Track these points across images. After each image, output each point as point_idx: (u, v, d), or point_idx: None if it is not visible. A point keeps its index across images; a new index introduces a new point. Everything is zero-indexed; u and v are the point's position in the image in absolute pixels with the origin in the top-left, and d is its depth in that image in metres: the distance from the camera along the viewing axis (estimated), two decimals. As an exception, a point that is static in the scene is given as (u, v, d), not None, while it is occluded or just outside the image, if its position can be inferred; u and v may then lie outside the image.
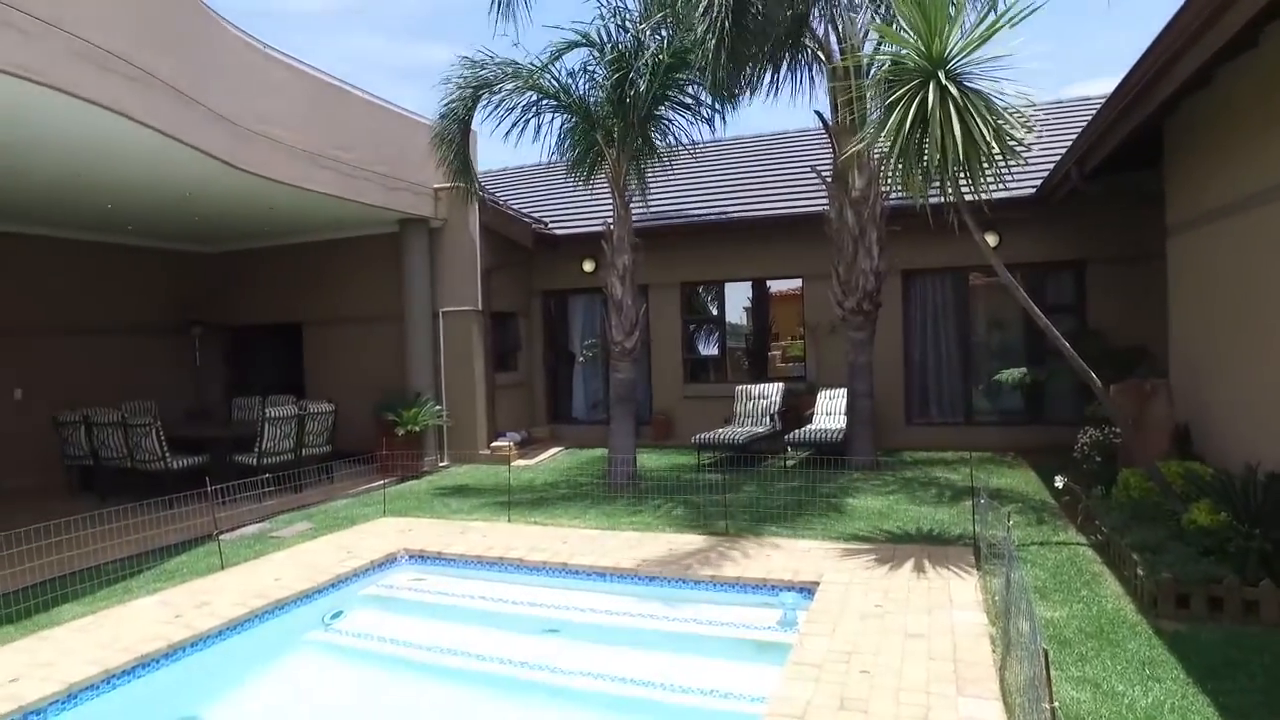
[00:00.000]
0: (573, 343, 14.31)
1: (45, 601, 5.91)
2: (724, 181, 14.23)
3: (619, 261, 9.70)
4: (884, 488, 8.82)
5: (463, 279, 12.02)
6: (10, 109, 6.16)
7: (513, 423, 13.01)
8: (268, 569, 6.60)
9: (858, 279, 9.80)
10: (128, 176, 8.61)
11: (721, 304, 13.62)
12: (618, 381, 9.83)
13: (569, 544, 7.00)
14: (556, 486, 9.78)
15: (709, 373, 13.82)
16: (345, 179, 10.12)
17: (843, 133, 9.67)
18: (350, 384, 12.48)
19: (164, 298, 13.52)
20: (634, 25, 9.40)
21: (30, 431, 11.20)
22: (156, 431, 9.51)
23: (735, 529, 7.20)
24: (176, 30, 7.26)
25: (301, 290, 13.42)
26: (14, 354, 11.38)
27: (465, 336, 12.02)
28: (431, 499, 9.40)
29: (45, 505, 9.57)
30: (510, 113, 9.75)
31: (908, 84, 5.88)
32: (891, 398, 11.70)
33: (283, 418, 9.94)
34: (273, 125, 8.92)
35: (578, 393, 14.36)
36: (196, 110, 7.41)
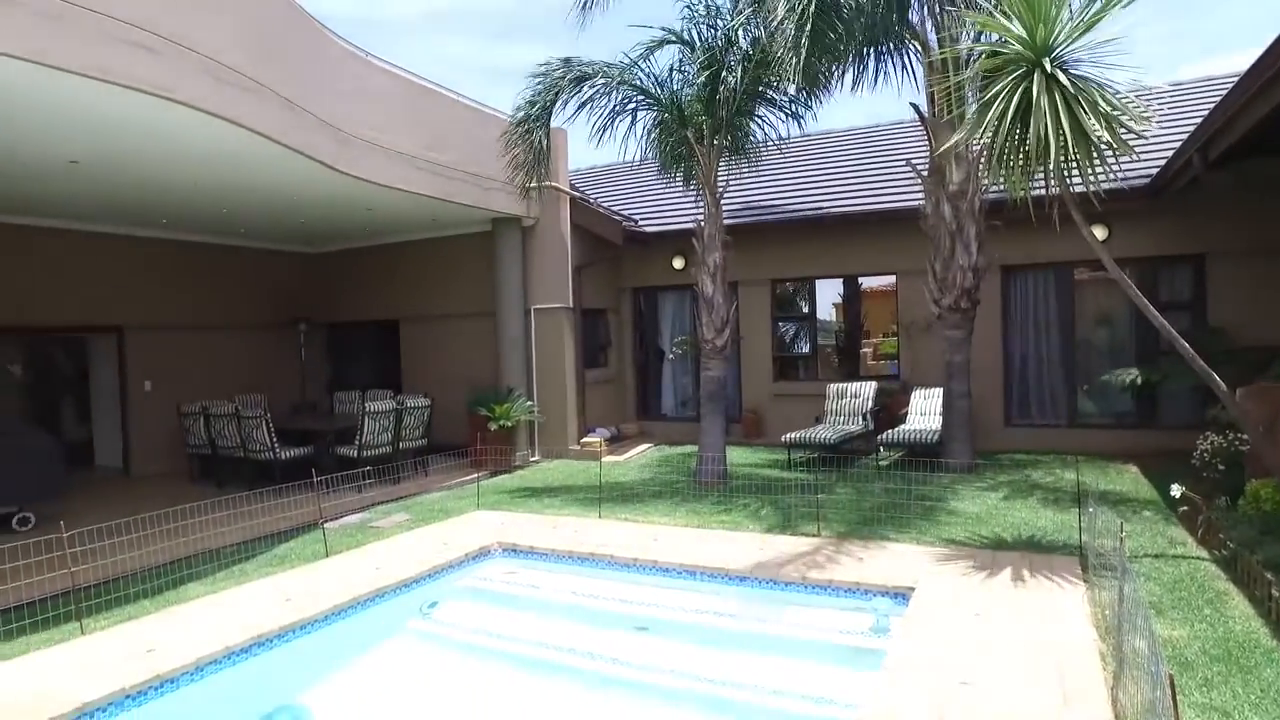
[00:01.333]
0: (662, 339, 14.36)
1: (174, 580, 6.35)
2: (815, 176, 14.00)
3: (710, 259, 9.67)
4: (982, 491, 8.52)
5: (554, 276, 12.23)
6: (138, 122, 6.61)
7: (602, 419, 13.16)
8: (369, 558, 6.88)
9: (955, 275, 9.49)
10: (241, 182, 9.11)
11: (812, 301, 13.40)
12: (708, 379, 9.81)
13: (659, 541, 7.04)
14: (646, 483, 9.84)
15: (799, 370, 13.63)
16: (440, 180, 10.43)
17: (940, 126, 9.37)
18: (445, 379, 12.87)
19: (272, 297, 14.26)
20: (724, 22, 9.36)
21: (157, 421, 12.05)
22: (266, 423, 10.04)
23: (827, 531, 7.09)
24: (286, 42, 7.63)
25: (399, 288, 13.91)
26: (144, 349, 12.25)
27: (556, 333, 12.22)
28: (523, 493, 9.60)
29: (171, 490, 10.31)
30: (601, 111, 9.83)
31: (1010, 74, 5.65)
32: (989, 398, 11.27)
33: (381, 412, 10.33)
34: (373, 129, 9.27)
35: (667, 389, 14.40)
36: (304, 118, 7.77)
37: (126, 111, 6.26)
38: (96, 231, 11.56)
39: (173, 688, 4.60)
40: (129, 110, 6.22)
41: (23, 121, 6.54)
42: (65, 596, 5.59)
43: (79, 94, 5.80)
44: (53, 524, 8.08)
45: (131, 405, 12.18)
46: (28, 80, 5.48)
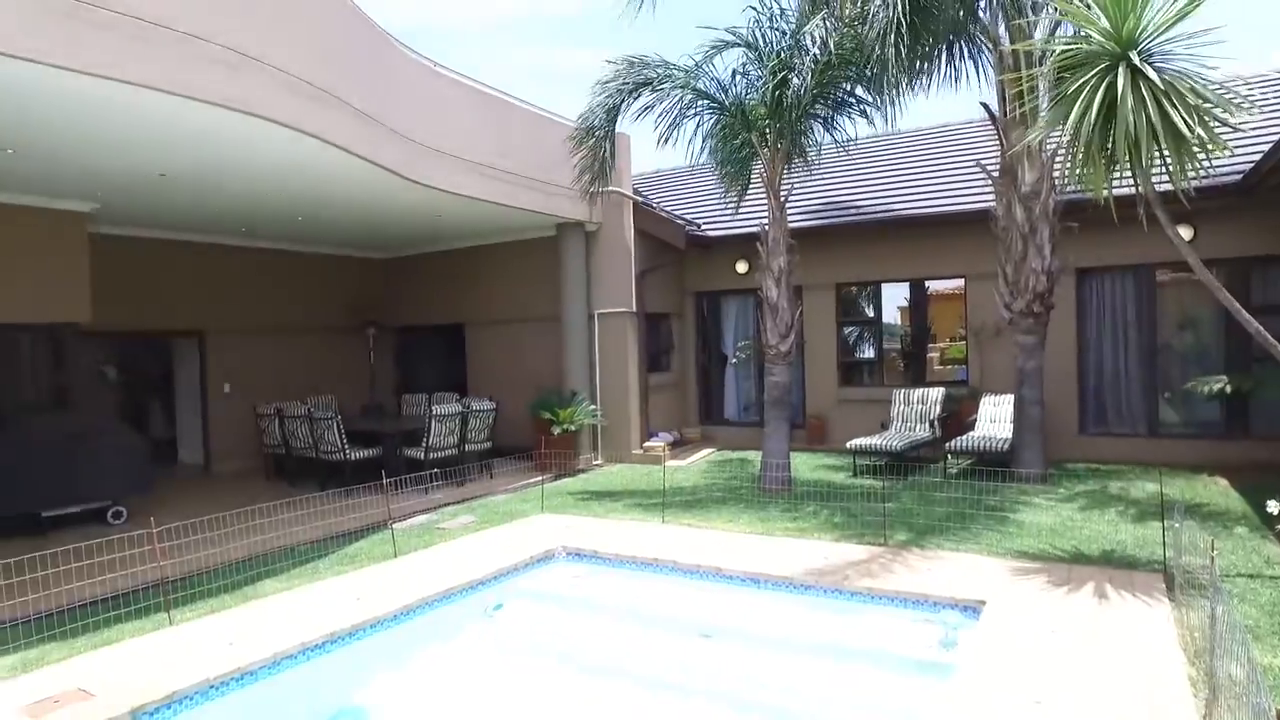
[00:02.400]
0: (725, 344, 14.29)
1: (252, 576, 6.59)
2: (881, 179, 13.77)
3: (774, 264, 9.59)
4: (1056, 502, 8.24)
5: (617, 281, 12.30)
6: (221, 136, 6.88)
7: (665, 423, 13.17)
8: (436, 559, 7.02)
9: (1027, 279, 9.21)
10: (315, 191, 9.40)
11: (878, 305, 13.17)
12: (772, 384, 9.72)
13: (723, 547, 7.01)
14: (709, 488, 9.80)
15: (864, 376, 13.41)
16: (506, 186, 10.59)
17: (1012, 125, 9.12)
18: (509, 383, 13.05)
19: (343, 301, 14.68)
20: (790, 25, 9.28)
21: (235, 421, 12.54)
22: (337, 425, 10.33)
23: (894, 539, 6.96)
24: (359, 55, 7.86)
25: (464, 292, 14.18)
26: (223, 352, 12.77)
27: (620, 337, 12.28)
28: (586, 497, 9.67)
29: (248, 487, 10.71)
30: (664, 114, 9.84)
31: (1092, 69, 5.46)
32: (1063, 405, 10.90)
33: (448, 415, 10.53)
34: (441, 138, 9.47)
35: (729, 394, 14.33)
36: (376, 128, 7.99)
37: (211, 126, 6.54)
38: (181, 240, 12.10)
39: (252, 680, 4.78)
40: (213, 125, 6.49)
41: (116, 137, 6.89)
42: (155, 588, 5.85)
43: (167, 111, 6.07)
44: (142, 518, 8.51)
45: (212, 406, 12.70)
46: (122, 99, 5.76)
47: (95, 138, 6.86)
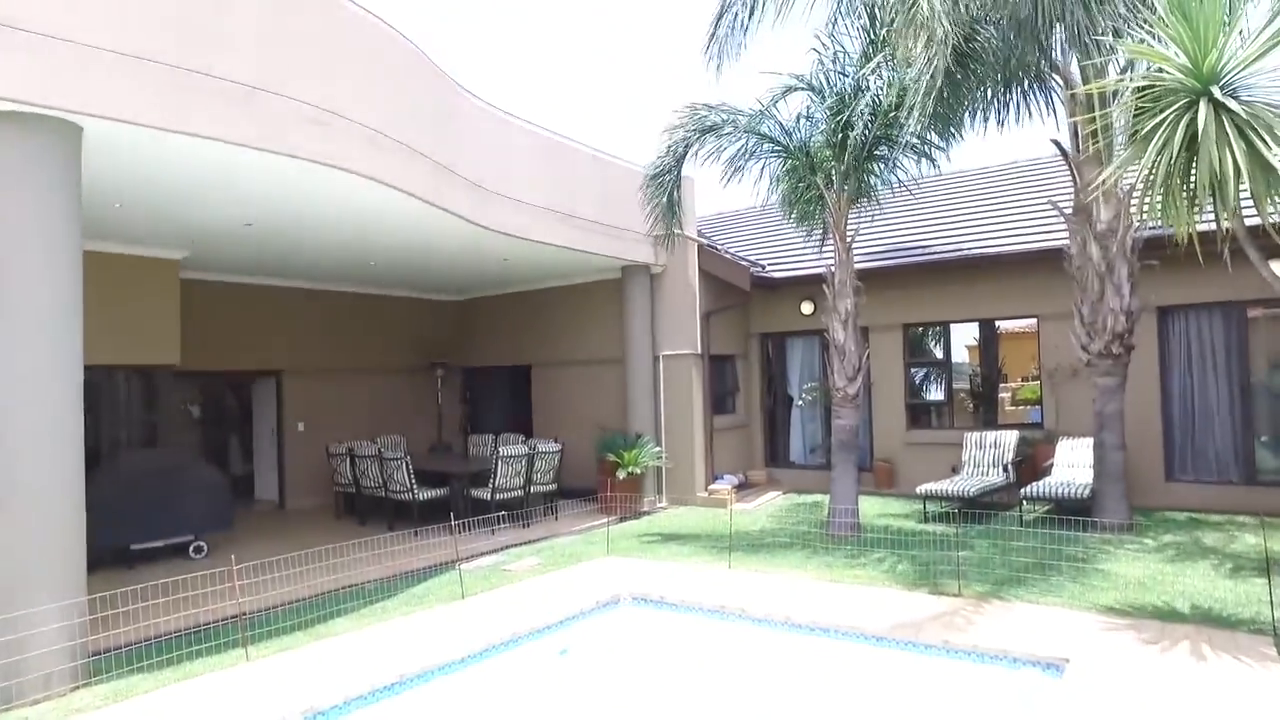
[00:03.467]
0: (790, 385, 14.17)
1: (324, 614, 6.72)
2: (948, 217, 13.59)
3: (841, 306, 9.52)
4: (1143, 553, 7.86)
5: (682, 323, 12.35)
6: (304, 187, 7.24)
7: (730, 465, 13.06)
8: (502, 602, 7.06)
9: (1105, 319, 8.92)
10: (389, 237, 9.75)
11: (947, 345, 12.90)
12: (839, 428, 9.58)
13: (790, 594, 6.88)
14: (775, 533, 9.66)
15: (933, 418, 13.10)
16: (572, 230, 10.80)
17: (1085, 162, 8.93)
18: (574, 424, 13.16)
19: (413, 342, 15.09)
20: (853, 68, 9.33)
21: (309, 459, 12.92)
22: (407, 465, 10.55)
23: (969, 589, 6.73)
24: (433, 106, 8.18)
25: (531, 334, 14.42)
26: (299, 392, 13.23)
27: (684, 379, 12.30)
28: (651, 540, 9.62)
29: (319, 525, 11.01)
30: (729, 159, 9.96)
31: (1172, 105, 5.33)
32: (1147, 450, 10.43)
33: (514, 456, 10.66)
34: (509, 183, 9.74)
35: (795, 436, 14.15)
36: (448, 177, 8.28)
37: (296, 179, 6.88)
38: (262, 284, 12.67)
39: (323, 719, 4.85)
40: (298, 177, 6.83)
41: (210, 190, 7.30)
42: (233, 623, 6.03)
43: (258, 165, 6.43)
44: (222, 553, 8.83)
45: (287, 444, 13.13)
46: (220, 156, 6.16)
47: (191, 191, 7.29)
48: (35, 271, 5.28)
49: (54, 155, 5.35)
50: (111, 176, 6.55)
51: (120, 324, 9.28)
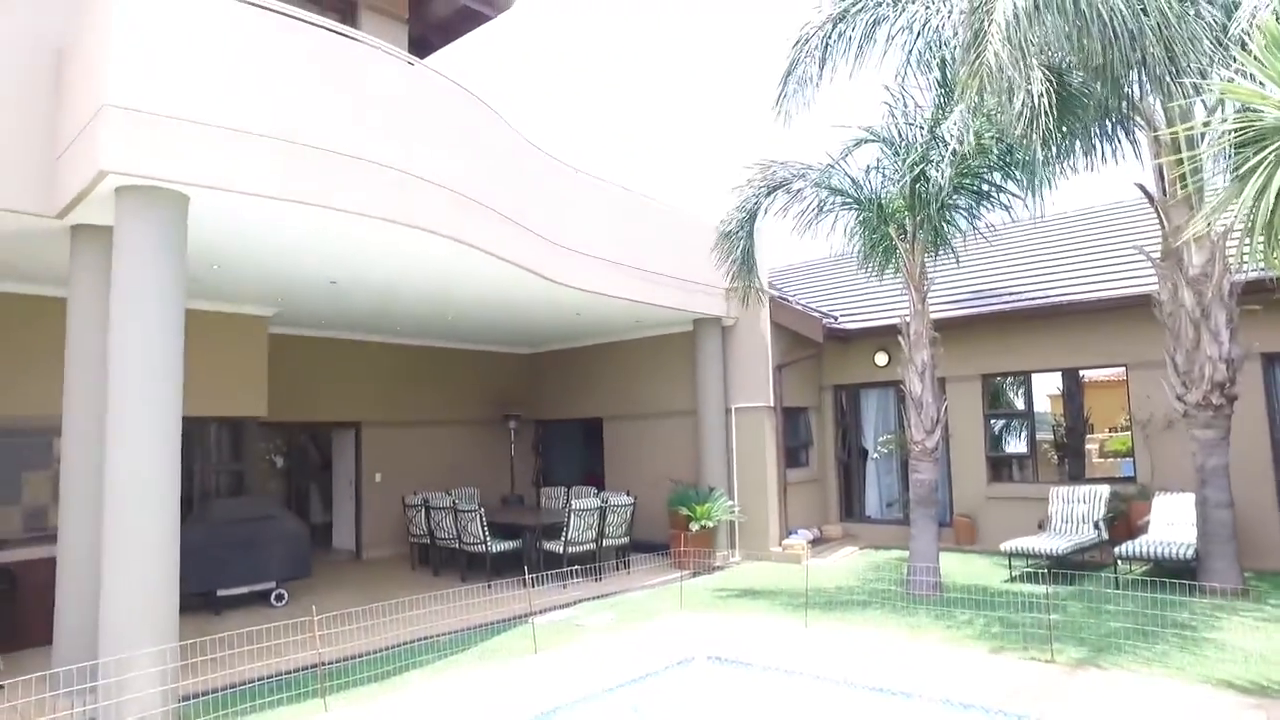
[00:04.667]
0: (865, 438, 13.86)
1: (399, 665, 6.78)
2: (1027, 265, 13.24)
3: (917, 357, 9.32)
4: (1262, 621, 7.27)
5: (754, 375, 12.27)
6: (384, 246, 7.52)
7: (804, 520, 12.78)
8: (575, 658, 6.99)
9: (1202, 368, 8.48)
10: (465, 293, 10.02)
11: (1028, 396, 12.46)
12: (917, 482, 9.30)
13: (870, 655, 6.62)
14: (853, 590, 9.36)
15: (1015, 471, 12.61)
16: (644, 284, 10.91)
17: (1174, 206, 8.62)
18: (646, 477, 13.10)
19: (487, 394, 15.35)
20: (925, 120, 9.29)
21: (385, 510, 13.18)
22: (480, 517, 10.64)
23: (1062, 655, 6.36)
24: (508, 165, 8.47)
25: (602, 387, 14.51)
26: (377, 443, 13.56)
27: (757, 432, 12.16)
28: (725, 596, 9.43)
29: (395, 576, 11.15)
30: (800, 213, 9.98)
31: (1270, 145, 5.12)
32: (1259, 507, 9.77)
33: (587, 509, 10.65)
34: (581, 239, 9.93)
35: (871, 490, 13.79)
36: (522, 233, 8.50)
37: (379, 238, 7.17)
38: (343, 338, 13.14)
39: (402, 774, 4.84)
40: (381, 237, 7.11)
41: (300, 251, 7.66)
42: (312, 671, 6.12)
43: (345, 226, 6.73)
44: (300, 601, 9.01)
45: (365, 494, 13.42)
46: (311, 219, 6.47)
47: (282, 252, 7.66)
48: (146, 330, 5.62)
49: (165, 223, 5.74)
50: (211, 240, 6.94)
51: (213, 377, 9.70)
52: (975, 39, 6.62)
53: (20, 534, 8.28)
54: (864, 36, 8.50)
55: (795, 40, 8.68)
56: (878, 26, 8.35)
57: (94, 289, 6.39)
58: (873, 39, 8.45)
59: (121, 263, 5.69)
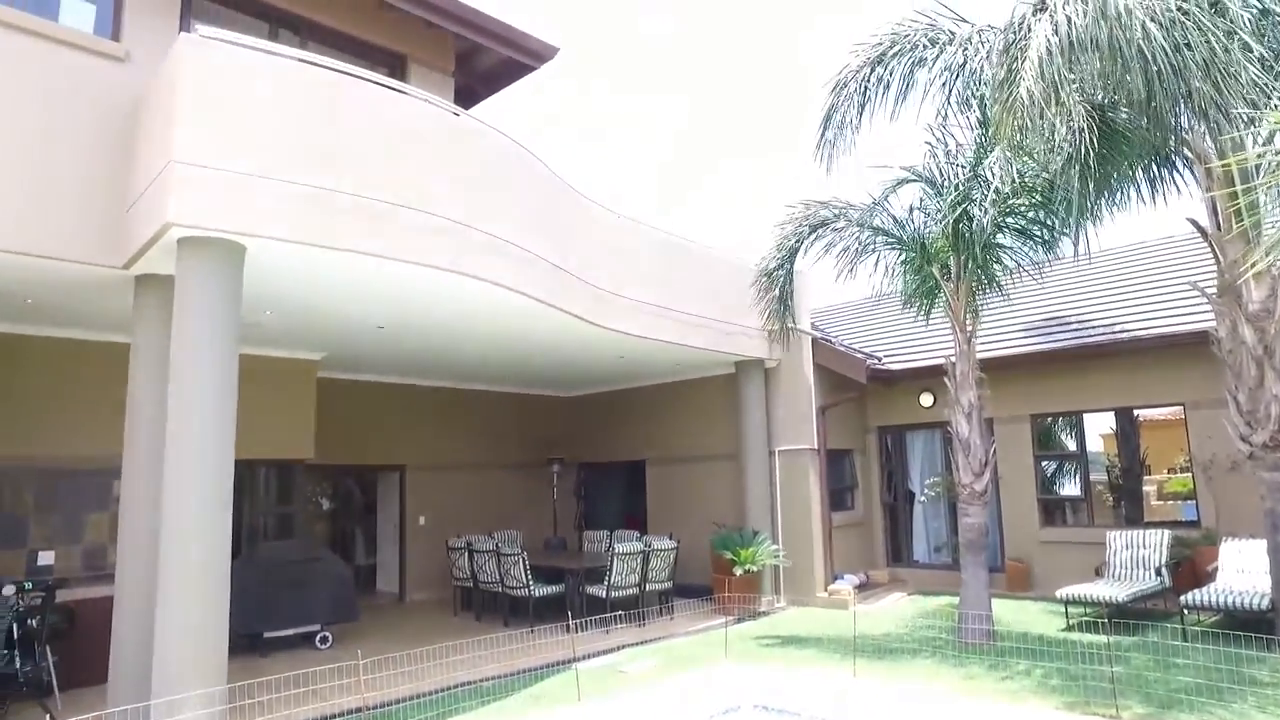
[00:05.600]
0: (911, 480, 13.60)
1: (442, 712, 6.74)
2: (1076, 302, 12.99)
3: (963, 398, 9.16)
4: (1348, 676, 6.89)
5: (797, 417, 12.17)
6: (431, 293, 7.67)
7: (850, 564, 12.52)
8: (619, 705, 6.88)
9: (1268, 407, 8.17)
10: (509, 337, 10.12)
11: (1080, 437, 12.13)
12: (967, 526, 9.07)
13: (922, 707, 6.42)
14: (902, 638, 9.10)
15: (1069, 514, 12.23)
16: (686, 327, 10.93)
17: (1229, 240, 8.40)
18: (689, 520, 12.98)
19: (530, 438, 15.41)
20: (966, 159, 9.25)
21: (428, 553, 13.22)
22: (523, 560, 10.60)
23: (1129, 710, 6.08)
24: (553, 211, 8.60)
25: (645, 429, 14.49)
26: (420, 486, 13.67)
27: (801, 475, 12.02)
28: (771, 643, 9.24)
29: (438, 619, 11.15)
30: (842, 252, 9.96)
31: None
32: (1334, 554, 9.31)
33: (629, 553, 10.56)
34: (624, 283, 9.99)
35: (919, 534, 13.49)
36: (566, 279, 8.60)
37: (426, 285, 7.31)
38: (387, 382, 13.34)
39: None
40: (428, 284, 7.25)
41: (348, 297, 7.84)
42: (355, 716, 6.11)
43: (394, 274, 6.88)
44: (344, 644, 9.05)
45: (409, 537, 13.49)
46: (361, 266, 6.63)
47: (332, 298, 7.85)
48: (202, 376, 5.81)
49: (223, 272, 5.95)
50: (264, 288, 7.14)
51: (263, 420, 9.85)
52: (1009, 76, 6.60)
53: (80, 573, 8.50)
54: (903, 80, 8.51)
55: (833, 84, 8.70)
56: (916, 70, 8.36)
57: (155, 335, 6.61)
58: (912, 81, 8.46)
59: (182, 310, 5.90)
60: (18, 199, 6.10)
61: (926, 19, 8.19)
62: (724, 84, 40.57)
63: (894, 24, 8.33)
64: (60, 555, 8.48)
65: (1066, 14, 6.13)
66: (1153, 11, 6.07)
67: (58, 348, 8.65)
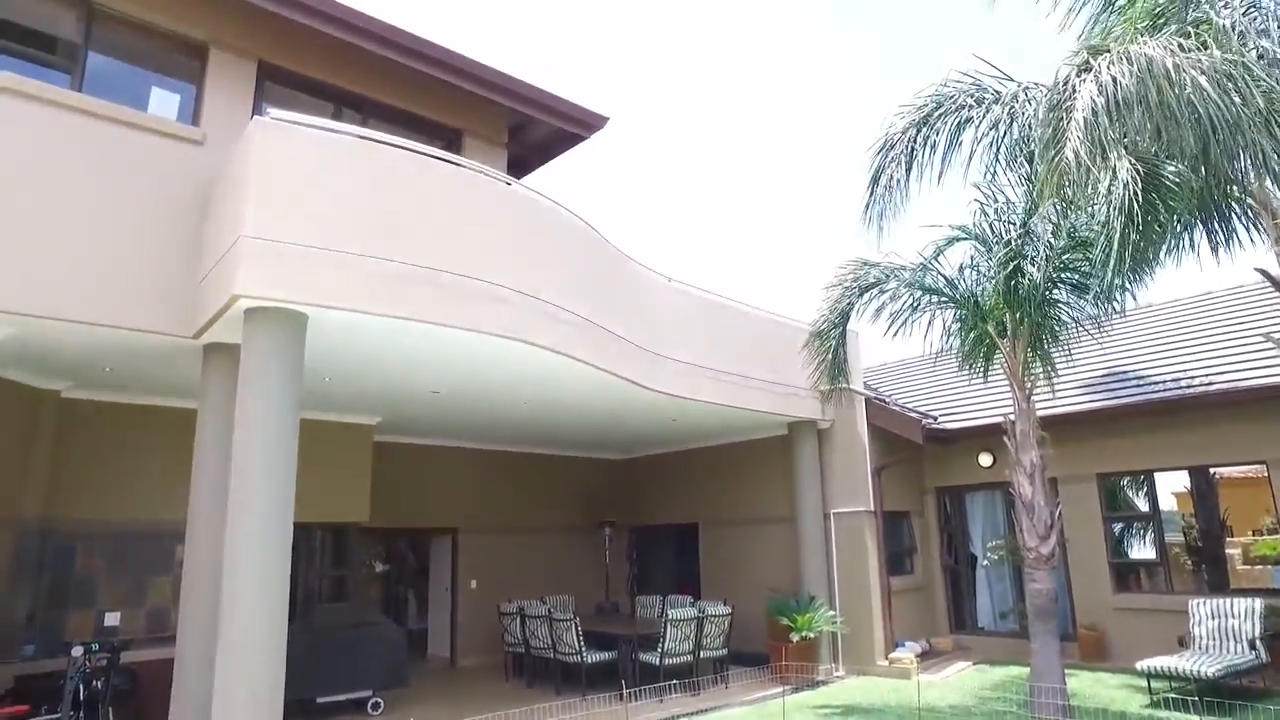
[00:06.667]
0: (973, 543, 13.14)
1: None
2: (1141, 354, 12.54)
3: (1025, 459, 8.88)
4: None
5: (852, 479, 11.94)
6: (488, 359, 7.81)
7: (911, 631, 12.06)
8: (676, 777, 6.67)
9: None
10: (563, 401, 10.21)
11: (1152, 497, 11.59)
12: (1034, 592, 8.69)
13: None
14: (970, 711, 8.68)
15: (1144, 579, 11.62)
16: (738, 389, 10.88)
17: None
18: (743, 585, 12.72)
19: (581, 500, 15.38)
20: (1018, 216, 9.17)
21: (481, 617, 13.14)
22: (576, 626, 10.46)
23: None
24: (607, 279, 8.73)
25: (697, 492, 14.34)
26: (472, 549, 13.69)
27: (857, 538, 11.72)
28: (830, 714, 8.90)
29: (489, 685, 11.01)
30: (893, 314, 9.87)
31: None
32: None
33: (683, 619, 10.35)
34: (676, 347, 10.04)
35: (983, 599, 12.95)
36: (621, 344, 8.68)
37: (481, 351, 7.45)
38: (440, 445, 13.50)
39: None
40: (483, 350, 7.40)
41: (405, 364, 8.04)
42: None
43: (449, 340, 7.04)
44: (395, 710, 8.99)
45: (460, 601, 13.45)
46: (419, 334, 6.82)
47: (390, 364, 8.06)
48: (265, 441, 5.98)
49: (286, 340, 6.17)
50: (325, 354, 7.36)
51: (320, 484, 10.03)
52: (1054, 137, 6.55)
53: (143, 634, 8.67)
54: (949, 141, 8.48)
55: (880, 146, 8.71)
56: (963, 130, 8.35)
57: (221, 401, 6.85)
58: (958, 142, 8.44)
59: (246, 378, 6.11)
60: (103, 273, 6.48)
61: (970, 79, 8.22)
62: (772, 147, 41.13)
63: (938, 85, 8.37)
64: (125, 617, 8.68)
65: (1112, 74, 6.09)
66: (1201, 67, 6.00)
67: (129, 413, 9.03)
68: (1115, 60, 6.16)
